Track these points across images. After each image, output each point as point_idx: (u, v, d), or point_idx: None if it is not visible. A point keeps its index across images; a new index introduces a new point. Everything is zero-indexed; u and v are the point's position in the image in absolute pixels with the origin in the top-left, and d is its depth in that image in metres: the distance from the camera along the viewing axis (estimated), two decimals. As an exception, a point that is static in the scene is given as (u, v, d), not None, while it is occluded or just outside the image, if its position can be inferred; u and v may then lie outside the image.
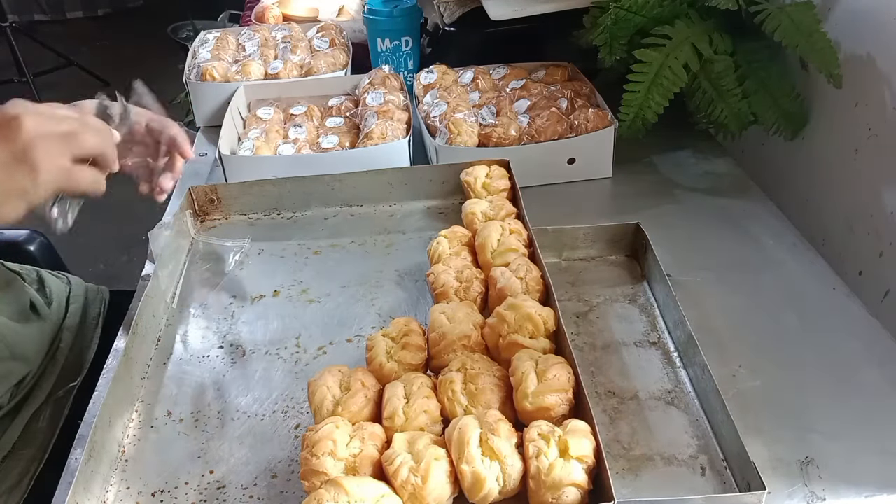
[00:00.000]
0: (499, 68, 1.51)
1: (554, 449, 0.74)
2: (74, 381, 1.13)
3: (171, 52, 3.65)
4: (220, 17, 2.49)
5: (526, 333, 0.88)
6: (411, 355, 0.88)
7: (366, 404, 0.83)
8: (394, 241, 1.19)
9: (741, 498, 0.74)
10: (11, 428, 1.04)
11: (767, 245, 1.15)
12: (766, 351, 0.96)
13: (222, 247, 1.18)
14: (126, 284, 1.24)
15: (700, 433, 0.85)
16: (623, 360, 0.95)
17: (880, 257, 1.02)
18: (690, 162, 1.37)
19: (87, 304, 1.24)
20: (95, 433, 0.80)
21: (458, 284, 0.99)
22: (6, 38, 4.00)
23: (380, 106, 1.37)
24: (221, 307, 1.08)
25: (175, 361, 0.99)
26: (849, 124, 1.08)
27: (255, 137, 1.34)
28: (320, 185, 1.24)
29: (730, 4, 1.15)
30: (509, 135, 1.29)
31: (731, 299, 1.04)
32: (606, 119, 1.29)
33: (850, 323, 1.00)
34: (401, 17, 1.59)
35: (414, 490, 0.73)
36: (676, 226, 1.19)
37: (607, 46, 1.28)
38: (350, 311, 1.05)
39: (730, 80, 1.22)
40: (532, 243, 1.05)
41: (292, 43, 1.65)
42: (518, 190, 1.16)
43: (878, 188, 1.02)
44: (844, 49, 1.07)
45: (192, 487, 0.82)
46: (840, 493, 0.79)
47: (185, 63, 1.61)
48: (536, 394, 0.79)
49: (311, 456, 0.75)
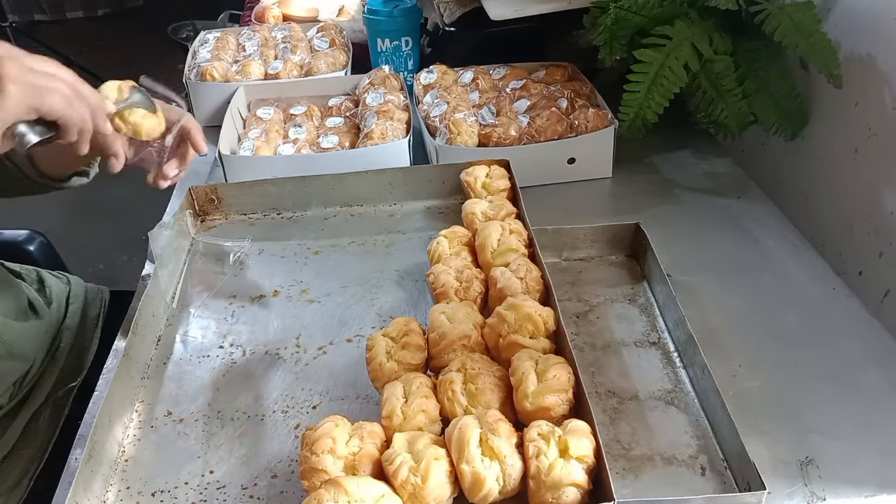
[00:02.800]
0: (499, 68, 1.51)
1: (554, 449, 0.74)
2: (74, 381, 1.13)
3: (171, 52, 3.65)
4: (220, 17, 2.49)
5: (526, 333, 0.88)
6: (411, 355, 0.88)
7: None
8: (394, 241, 1.19)
9: (741, 498, 0.74)
10: (11, 428, 1.04)
11: (767, 245, 1.15)
12: (766, 351, 0.96)
13: (222, 247, 1.18)
14: (126, 284, 1.24)
15: (700, 433, 0.85)
16: (623, 360, 0.95)
17: (880, 257, 1.02)
18: (690, 162, 1.37)
19: (87, 304, 1.24)
20: (95, 433, 0.80)
21: (458, 284, 0.99)
22: (6, 38, 4.00)
23: (380, 106, 1.37)
24: (221, 307, 1.08)
25: (175, 361, 0.99)
26: (849, 124, 1.08)
27: (255, 137, 1.34)
28: (320, 185, 1.24)
29: (730, 4, 1.15)
30: (509, 135, 1.29)
31: (731, 299, 1.04)
32: (606, 119, 1.29)
33: (850, 323, 1.00)
34: (401, 17, 1.59)
35: (414, 490, 0.73)
36: (676, 226, 1.19)
37: (607, 46, 1.28)
38: (350, 311, 1.05)
39: (730, 80, 1.22)
40: (532, 243, 1.05)
41: (292, 43, 1.65)
42: (518, 190, 1.16)
43: (878, 188, 1.02)
44: (844, 49, 1.07)
45: (192, 487, 0.82)
46: (840, 493, 0.79)
47: (185, 63, 1.61)
48: (536, 394, 0.79)
49: (311, 454, 0.75)
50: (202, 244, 1.19)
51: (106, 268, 2.85)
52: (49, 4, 5.32)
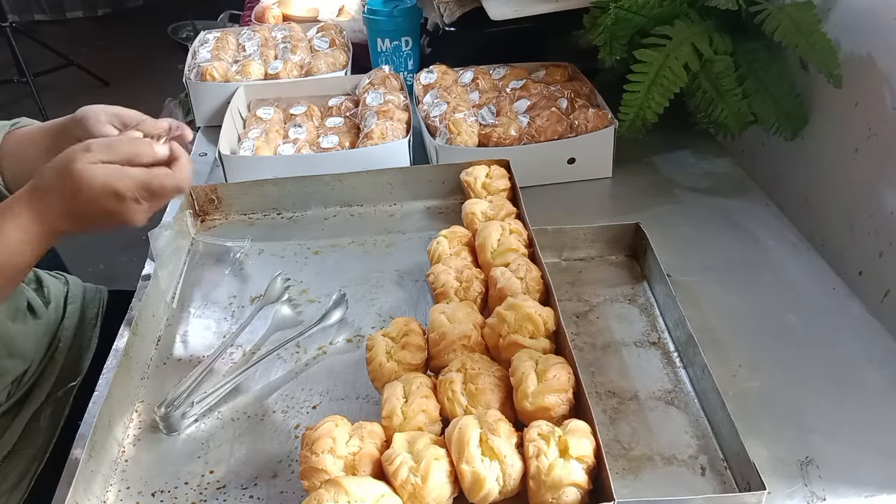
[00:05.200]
0: (499, 68, 1.51)
1: (554, 449, 0.74)
2: (74, 380, 1.13)
3: (171, 52, 3.65)
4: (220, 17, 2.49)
5: (526, 333, 0.88)
6: (411, 355, 0.88)
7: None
8: (394, 241, 1.19)
9: (741, 498, 0.74)
10: (11, 428, 1.04)
11: (767, 245, 1.15)
12: (766, 351, 0.96)
13: (222, 247, 1.18)
14: (126, 284, 1.24)
15: (700, 433, 0.85)
16: (623, 360, 0.95)
17: (880, 257, 1.02)
18: (690, 162, 1.37)
19: (86, 304, 1.24)
20: (95, 433, 0.80)
21: (458, 284, 0.99)
22: (6, 38, 4.00)
23: (380, 106, 1.37)
24: (221, 307, 1.08)
25: (175, 361, 0.99)
26: (849, 124, 1.08)
27: (255, 137, 1.34)
28: (320, 185, 1.24)
29: (730, 4, 1.15)
30: (509, 135, 1.29)
31: (731, 299, 1.04)
32: (606, 119, 1.29)
33: (850, 323, 1.00)
34: (401, 17, 1.59)
35: (414, 490, 0.73)
36: (676, 226, 1.19)
37: (607, 46, 1.28)
38: (350, 311, 1.05)
39: (730, 80, 1.22)
40: (532, 243, 1.05)
41: (292, 43, 1.65)
42: (518, 190, 1.16)
43: (878, 188, 1.02)
44: (844, 49, 1.07)
45: (192, 487, 0.82)
46: (840, 493, 0.79)
47: (185, 63, 1.61)
48: (536, 394, 0.79)
49: (311, 454, 0.75)
50: (202, 244, 1.19)
51: (106, 268, 2.85)
52: (49, 4, 5.32)
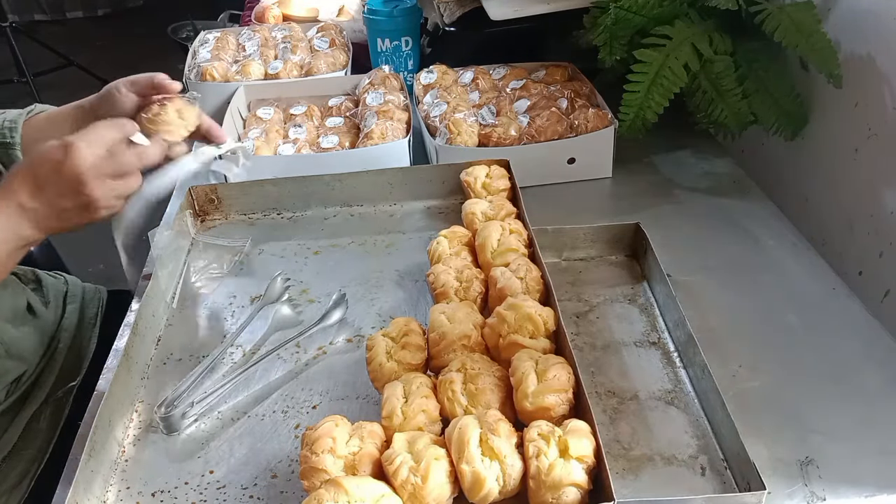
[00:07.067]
0: (499, 68, 1.51)
1: (554, 449, 0.74)
2: (73, 380, 1.13)
3: (171, 52, 3.64)
4: (220, 17, 2.49)
5: (526, 333, 0.88)
6: (411, 355, 0.88)
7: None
8: (394, 241, 1.19)
9: (741, 498, 0.74)
10: (11, 428, 1.04)
11: (767, 245, 1.15)
12: (765, 351, 0.96)
13: (222, 247, 1.18)
14: (126, 284, 1.24)
15: (700, 433, 0.85)
16: (623, 360, 0.95)
17: (880, 257, 1.02)
18: (690, 162, 1.37)
19: (85, 304, 1.24)
20: (95, 433, 0.80)
21: (458, 284, 0.99)
22: (6, 38, 4.00)
23: (380, 106, 1.37)
24: (221, 307, 1.08)
25: (175, 361, 0.99)
26: (849, 124, 1.08)
27: (255, 137, 1.34)
28: (320, 185, 1.24)
29: (730, 4, 1.15)
30: (509, 135, 1.29)
31: (731, 299, 1.04)
32: (606, 119, 1.29)
33: (850, 323, 1.00)
34: (401, 17, 1.59)
35: (414, 490, 0.73)
36: (676, 226, 1.19)
37: (607, 46, 1.28)
38: (350, 311, 1.05)
39: (730, 80, 1.22)
40: (532, 243, 1.05)
41: (292, 43, 1.65)
42: (518, 190, 1.16)
43: (878, 188, 1.02)
44: (844, 49, 1.07)
45: (192, 487, 0.82)
46: (840, 493, 0.79)
47: (185, 63, 1.61)
48: (536, 394, 0.79)
49: (311, 454, 0.75)
50: (202, 244, 1.19)
51: (105, 268, 2.85)
52: (49, 4, 5.32)
